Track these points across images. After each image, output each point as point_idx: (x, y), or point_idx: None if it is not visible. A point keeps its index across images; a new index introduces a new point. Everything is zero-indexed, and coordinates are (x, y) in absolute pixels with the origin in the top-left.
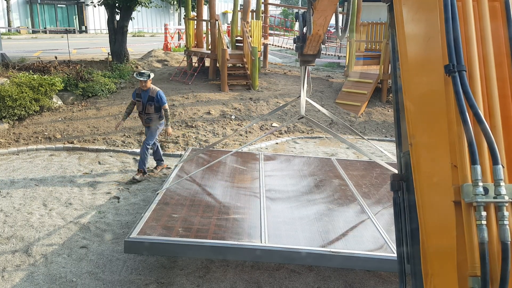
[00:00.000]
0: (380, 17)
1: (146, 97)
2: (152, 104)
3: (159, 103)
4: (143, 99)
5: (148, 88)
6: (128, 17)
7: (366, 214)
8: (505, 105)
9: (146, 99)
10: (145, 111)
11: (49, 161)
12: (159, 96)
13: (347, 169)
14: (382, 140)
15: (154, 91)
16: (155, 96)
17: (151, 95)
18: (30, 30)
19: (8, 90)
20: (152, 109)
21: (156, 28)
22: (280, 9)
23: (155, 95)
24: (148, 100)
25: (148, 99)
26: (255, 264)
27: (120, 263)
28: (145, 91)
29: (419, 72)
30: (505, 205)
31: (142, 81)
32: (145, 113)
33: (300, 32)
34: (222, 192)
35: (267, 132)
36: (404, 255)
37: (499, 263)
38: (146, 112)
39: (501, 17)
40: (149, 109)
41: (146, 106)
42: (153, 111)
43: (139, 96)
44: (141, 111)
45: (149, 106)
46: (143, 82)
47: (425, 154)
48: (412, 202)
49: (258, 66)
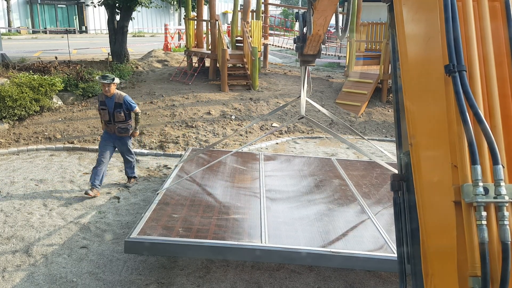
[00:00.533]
0: (380, 17)
1: (112, 104)
2: (120, 111)
3: (129, 108)
4: (108, 107)
5: (113, 94)
6: (128, 17)
7: (366, 214)
8: (505, 104)
9: (113, 106)
10: (114, 120)
11: (49, 161)
12: (127, 101)
13: (347, 169)
14: (382, 140)
15: (121, 96)
16: (123, 102)
17: (118, 101)
18: (30, 30)
19: (8, 90)
20: (122, 116)
21: (156, 28)
22: (280, 9)
23: (122, 101)
24: (115, 107)
25: (115, 107)
26: (256, 264)
27: (121, 263)
28: (109, 98)
29: (419, 72)
30: (505, 205)
31: (105, 85)
32: (115, 122)
33: (300, 32)
34: (222, 192)
35: (267, 132)
36: (404, 255)
37: (500, 263)
38: (116, 121)
39: (501, 17)
40: (119, 117)
41: (115, 115)
42: (123, 118)
43: (103, 104)
44: (109, 120)
45: (118, 114)
46: (106, 86)
47: (425, 154)
48: (412, 202)
49: (258, 66)
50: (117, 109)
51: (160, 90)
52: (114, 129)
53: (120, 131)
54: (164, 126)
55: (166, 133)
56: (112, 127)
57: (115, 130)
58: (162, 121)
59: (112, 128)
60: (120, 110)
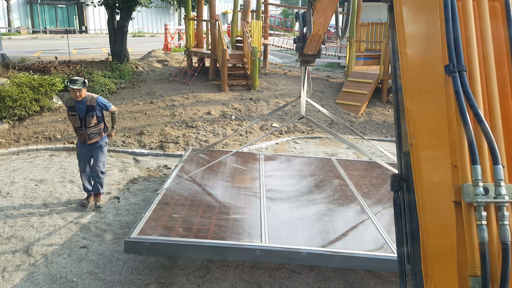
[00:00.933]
0: (380, 17)
1: (83, 108)
2: (93, 114)
3: (105, 109)
4: (79, 111)
5: (84, 97)
6: (128, 17)
7: (366, 214)
8: (505, 104)
9: (84, 110)
10: (85, 125)
11: (49, 161)
12: (100, 102)
13: (347, 169)
14: (382, 140)
15: (93, 99)
16: (96, 104)
17: (90, 104)
18: (30, 30)
19: (8, 91)
20: (95, 120)
21: (156, 28)
22: (280, 9)
23: (95, 103)
24: (87, 111)
25: (87, 110)
26: (256, 264)
27: (121, 263)
28: (80, 102)
29: (419, 72)
30: (505, 205)
31: (76, 90)
32: (87, 128)
33: (300, 32)
34: (222, 192)
35: (267, 132)
36: (404, 255)
37: (500, 263)
38: (88, 126)
39: (501, 17)
40: (91, 122)
41: (87, 119)
42: (96, 122)
43: (73, 109)
44: (80, 126)
45: (90, 118)
46: (77, 91)
47: (425, 154)
48: (412, 202)
49: (258, 66)
50: (89, 113)
51: (160, 90)
52: (85, 136)
53: (92, 136)
54: (164, 126)
55: (166, 133)
56: (83, 134)
57: (86, 137)
58: (162, 121)
59: (83, 135)
60: (92, 114)
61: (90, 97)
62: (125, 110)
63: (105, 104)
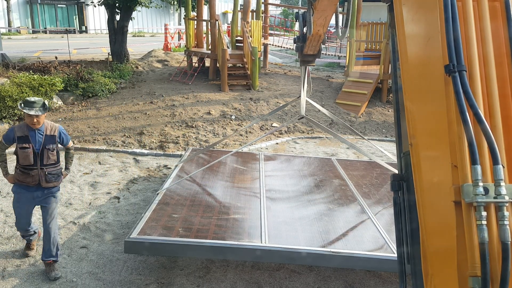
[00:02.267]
0: (380, 17)
1: (40, 139)
2: (53, 148)
3: (64, 143)
4: (35, 143)
5: (43, 125)
6: (128, 17)
7: (366, 214)
8: (505, 105)
9: (42, 141)
10: (42, 162)
11: None
12: (62, 133)
13: (347, 169)
14: (382, 140)
15: (53, 127)
16: (58, 134)
17: (50, 133)
18: (30, 30)
19: (8, 90)
20: (55, 156)
21: (156, 28)
22: (280, 9)
23: (57, 133)
24: (45, 143)
25: (46, 142)
26: (255, 264)
27: (120, 263)
28: (36, 131)
29: (419, 72)
30: (505, 205)
31: (33, 117)
32: (43, 166)
33: (300, 32)
34: (222, 192)
35: (267, 132)
36: (404, 255)
37: (500, 263)
38: (45, 163)
39: (501, 17)
40: (50, 158)
41: (45, 154)
42: (55, 159)
43: (26, 140)
44: (33, 164)
45: (50, 153)
46: (34, 117)
47: (425, 154)
48: (412, 202)
49: (258, 66)
50: (49, 145)
51: (160, 90)
52: (40, 178)
53: (50, 179)
54: (164, 126)
55: (166, 133)
56: (36, 175)
57: (42, 179)
58: (162, 121)
59: (36, 177)
60: (53, 147)
61: (50, 125)
62: (125, 110)
63: (66, 135)
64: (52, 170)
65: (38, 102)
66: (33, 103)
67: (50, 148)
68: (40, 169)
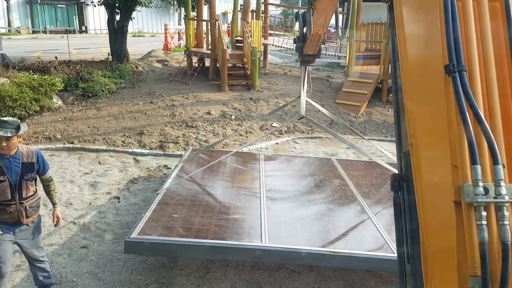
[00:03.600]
0: (380, 17)
1: (16, 168)
2: (32, 177)
3: (42, 172)
4: (10, 174)
5: (18, 151)
6: (128, 17)
7: (366, 214)
8: (505, 105)
9: (19, 170)
10: (21, 196)
11: (49, 161)
12: (41, 158)
13: (347, 169)
14: (382, 140)
15: (30, 152)
16: (37, 159)
17: (28, 161)
18: (30, 30)
19: (8, 90)
20: (33, 187)
21: (156, 28)
22: (280, 9)
23: (35, 159)
24: (23, 172)
25: (24, 171)
26: (256, 264)
27: (121, 263)
28: (11, 159)
29: (419, 72)
30: (505, 205)
31: (2, 139)
32: (22, 200)
33: (300, 32)
34: (222, 192)
35: (267, 132)
36: (404, 255)
37: (500, 263)
38: (25, 196)
39: (501, 17)
40: (29, 189)
41: (22, 185)
42: (34, 190)
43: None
44: (10, 199)
45: (28, 184)
46: (3, 140)
47: (425, 154)
48: (412, 202)
49: (258, 66)
50: (27, 175)
51: (160, 90)
52: (19, 213)
53: (31, 213)
54: (164, 126)
55: (166, 133)
56: (14, 211)
57: (22, 215)
58: (162, 121)
59: (15, 213)
60: (31, 176)
61: (27, 150)
62: (125, 110)
63: (44, 162)
64: (33, 202)
65: (12, 123)
66: (5, 122)
67: (29, 177)
68: (20, 203)
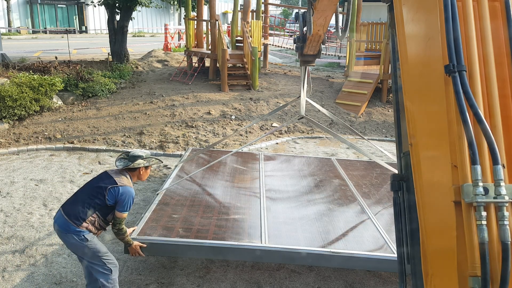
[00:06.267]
0: (380, 17)
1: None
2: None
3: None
4: None
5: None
6: (128, 17)
7: (366, 214)
8: (505, 105)
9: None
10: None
11: (49, 161)
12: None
13: (347, 169)
14: (382, 140)
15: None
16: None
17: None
18: (30, 30)
19: (8, 90)
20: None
21: (156, 28)
22: (280, 9)
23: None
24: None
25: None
26: (256, 264)
27: (121, 263)
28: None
29: (419, 72)
30: (505, 205)
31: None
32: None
33: (300, 32)
34: (222, 192)
35: (267, 132)
36: (404, 255)
37: (499, 263)
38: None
39: (501, 17)
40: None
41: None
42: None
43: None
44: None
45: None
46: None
47: (425, 154)
48: (412, 202)
49: (258, 66)
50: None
51: (160, 90)
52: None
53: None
54: (164, 126)
55: (166, 133)
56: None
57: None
58: (162, 121)
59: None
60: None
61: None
62: (125, 110)
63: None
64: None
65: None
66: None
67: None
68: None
